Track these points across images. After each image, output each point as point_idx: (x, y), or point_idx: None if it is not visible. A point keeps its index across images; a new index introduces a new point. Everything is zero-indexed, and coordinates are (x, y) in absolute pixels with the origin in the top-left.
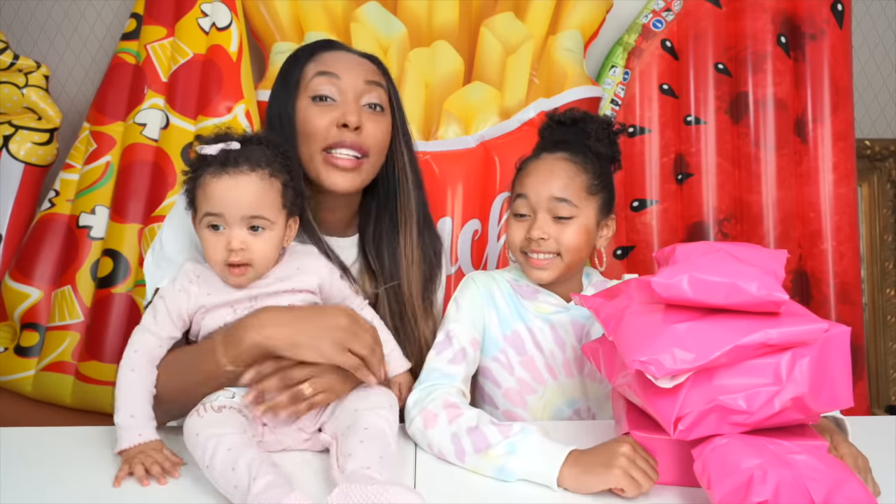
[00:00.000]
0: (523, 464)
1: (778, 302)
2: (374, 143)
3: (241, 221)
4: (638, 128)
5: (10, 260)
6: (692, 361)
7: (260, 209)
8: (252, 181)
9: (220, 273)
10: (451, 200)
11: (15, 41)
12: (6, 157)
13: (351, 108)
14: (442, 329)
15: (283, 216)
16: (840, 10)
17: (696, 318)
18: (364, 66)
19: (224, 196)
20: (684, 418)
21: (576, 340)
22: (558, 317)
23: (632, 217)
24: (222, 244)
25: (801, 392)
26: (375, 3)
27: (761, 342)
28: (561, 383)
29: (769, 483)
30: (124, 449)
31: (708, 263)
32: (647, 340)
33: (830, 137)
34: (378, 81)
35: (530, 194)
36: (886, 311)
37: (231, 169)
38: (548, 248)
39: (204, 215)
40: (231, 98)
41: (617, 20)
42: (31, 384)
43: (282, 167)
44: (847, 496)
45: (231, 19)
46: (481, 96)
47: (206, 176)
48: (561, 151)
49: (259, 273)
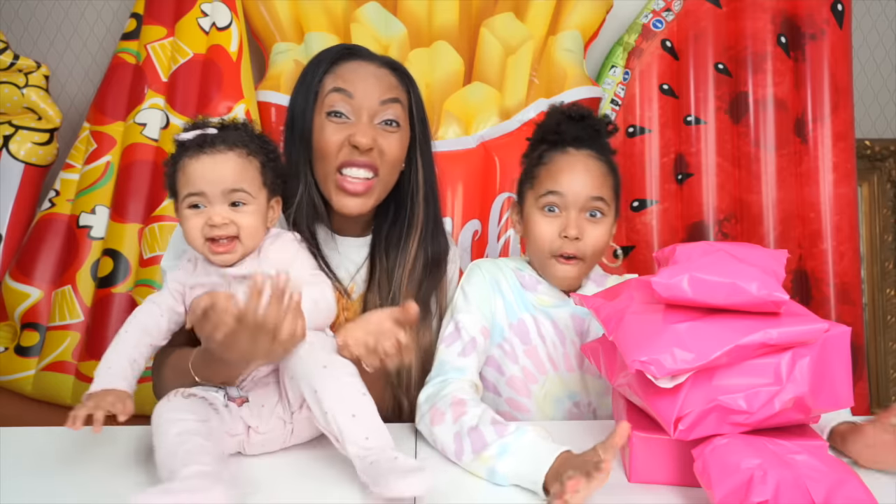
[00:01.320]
0: (511, 465)
1: (778, 302)
2: (388, 161)
3: (222, 197)
4: (638, 128)
5: (10, 260)
6: (692, 361)
7: (239, 183)
8: (230, 158)
9: (202, 251)
10: (451, 200)
11: (15, 41)
12: (6, 157)
13: (363, 128)
14: (450, 320)
15: (263, 193)
16: (840, 10)
17: (697, 319)
18: (382, 82)
19: (203, 174)
20: (684, 418)
21: (575, 335)
22: (557, 310)
23: (632, 217)
24: (202, 220)
25: (802, 392)
26: (375, 4)
27: (761, 342)
28: (561, 375)
29: (769, 483)
30: (90, 393)
31: (708, 263)
32: (648, 340)
33: (830, 137)
34: (394, 98)
35: (566, 191)
36: (886, 311)
37: (209, 148)
38: (576, 249)
39: (185, 196)
40: (231, 98)
41: (617, 20)
42: (31, 384)
43: (259, 148)
44: (847, 496)
45: (231, 19)
46: (481, 97)
47: (185, 159)
48: (587, 148)
49: (248, 248)
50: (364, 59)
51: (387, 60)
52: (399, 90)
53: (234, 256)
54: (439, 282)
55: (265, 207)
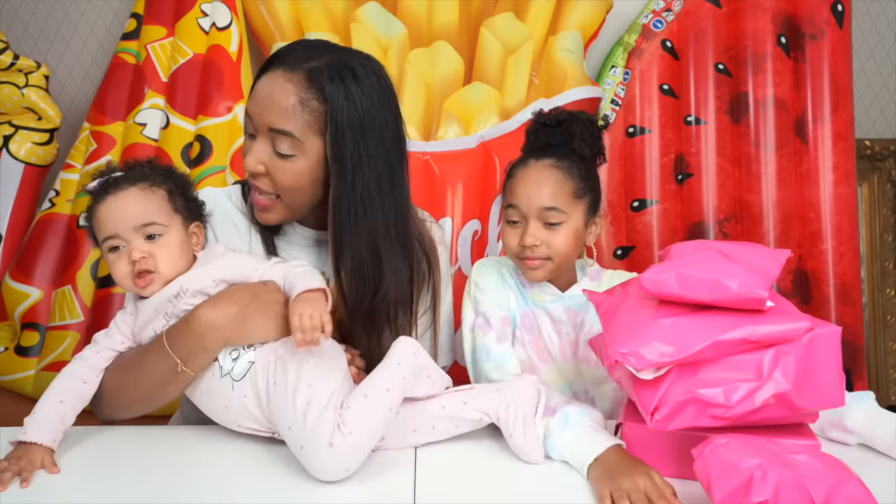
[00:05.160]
0: (566, 440)
1: (759, 299)
2: (281, 187)
3: (136, 232)
4: (638, 128)
5: (10, 260)
6: (672, 355)
7: (148, 215)
8: (132, 193)
9: (130, 289)
10: (451, 201)
11: (15, 41)
12: (6, 157)
13: (254, 152)
14: (475, 312)
15: (177, 220)
16: (840, 11)
17: (683, 314)
18: (279, 106)
19: (111, 214)
20: (661, 408)
21: (570, 327)
22: (553, 305)
23: (632, 217)
24: (124, 260)
25: (785, 389)
26: (375, 4)
27: (743, 338)
28: (559, 366)
29: (769, 483)
30: (20, 441)
31: (696, 261)
32: (631, 334)
33: (830, 138)
34: (284, 130)
35: (521, 204)
36: (886, 311)
37: (112, 189)
38: (540, 254)
39: (103, 241)
40: (231, 98)
41: (617, 20)
42: (31, 384)
43: (164, 179)
44: (847, 496)
45: (231, 19)
46: (481, 97)
47: (95, 206)
48: (547, 157)
49: (166, 278)
50: (279, 68)
51: (309, 68)
52: (298, 115)
53: (156, 287)
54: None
55: (183, 234)
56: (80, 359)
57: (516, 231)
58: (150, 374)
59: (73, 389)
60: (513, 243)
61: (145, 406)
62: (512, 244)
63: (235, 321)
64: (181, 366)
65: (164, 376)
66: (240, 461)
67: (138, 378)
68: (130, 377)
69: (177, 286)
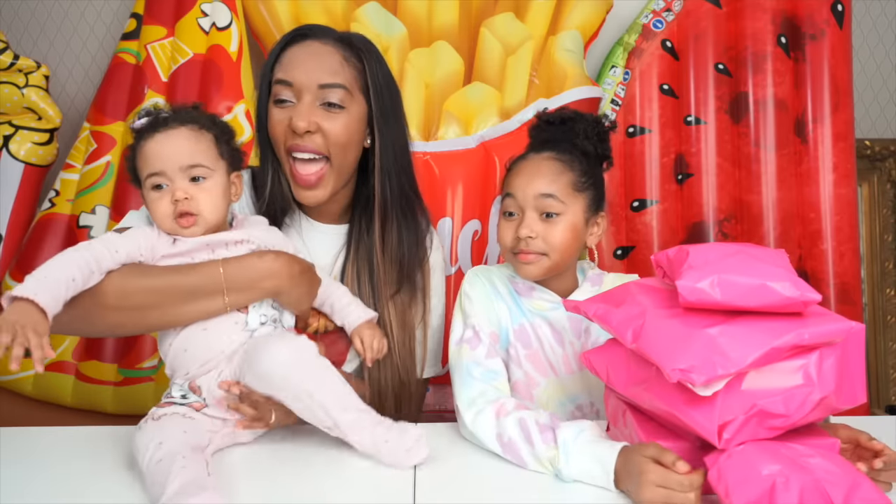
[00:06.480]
0: (576, 466)
1: (809, 301)
2: (333, 143)
3: (181, 172)
4: (638, 128)
5: (10, 260)
6: (729, 367)
7: (196, 157)
8: (182, 132)
9: (171, 230)
10: (451, 201)
11: (15, 41)
12: (6, 157)
13: (301, 110)
14: (464, 325)
15: (222, 166)
16: (840, 11)
17: (723, 322)
18: (324, 64)
19: (159, 151)
20: (728, 426)
21: (574, 336)
22: (555, 313)
23: (632, 217)
24: (167, 199)
25: (829, 392)
26: (375, 4)
27: (794, 343)
28: (562, 378)
29: (793, 489)
30: (16, 297)
31: (733, 265)
32: (681, 347)
33: (830, 138)
34: (336, 83)
35: (517, 193)
36: (886, 311)
37: (161, 128)
38: (535, 248)
39: (146, 178)
40: (231, 98)
41: (617, 20)
42: (31, 384)
43: (211, 124)
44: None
45: (231, 19)
46: (481, 97)
47: (141, 143)
48: (548, 150)
49: (209, 223)
50: (312, 39)
51: (339, 35)
52: (346, 69)
53: (198, 230)
54: (421, 260)
55: (226, 181)
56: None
57: (512, 223)
58: (180, 288)
59: (82, 278)
60: (508, 237)
61: (148, 318)
62: (507, 238)
63: (292, 280)
64: (225, 294)
65: (194, 294)
66: (240, 461)
67: (165, 288)
68: (155, 283)
69: (244, 234)
